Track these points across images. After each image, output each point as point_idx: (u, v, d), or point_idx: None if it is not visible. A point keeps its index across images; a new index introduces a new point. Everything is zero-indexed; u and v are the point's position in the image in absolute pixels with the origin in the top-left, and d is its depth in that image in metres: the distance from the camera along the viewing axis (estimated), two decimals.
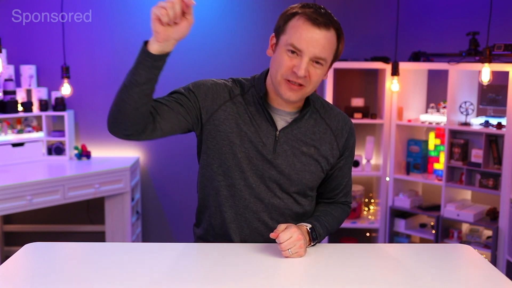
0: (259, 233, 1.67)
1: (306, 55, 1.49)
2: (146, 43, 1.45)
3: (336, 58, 1.58)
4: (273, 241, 1.69)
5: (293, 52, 1.50)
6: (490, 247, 3.46)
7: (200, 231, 1.77)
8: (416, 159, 3.90)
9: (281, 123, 1.64)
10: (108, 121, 1.55)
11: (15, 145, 3.77)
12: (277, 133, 1.63)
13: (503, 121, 3.41)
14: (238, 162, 1.62)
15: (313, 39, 1.48)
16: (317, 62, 1.51)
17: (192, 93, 1.63)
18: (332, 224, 1.72)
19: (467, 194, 3.83)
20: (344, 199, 1.80)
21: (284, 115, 1.65)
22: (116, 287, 1.34)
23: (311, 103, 1.65)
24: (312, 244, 1.62)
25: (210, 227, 1.72)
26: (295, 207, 1.68)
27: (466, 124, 3.60)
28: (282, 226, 1.55)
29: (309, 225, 1.62)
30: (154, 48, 1.43)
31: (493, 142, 3.50)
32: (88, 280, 1.38)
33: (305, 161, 1.64)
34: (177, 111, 1.59)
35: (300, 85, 1.53)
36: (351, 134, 1.72)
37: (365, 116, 3.99)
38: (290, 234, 1.52)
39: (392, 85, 3.80)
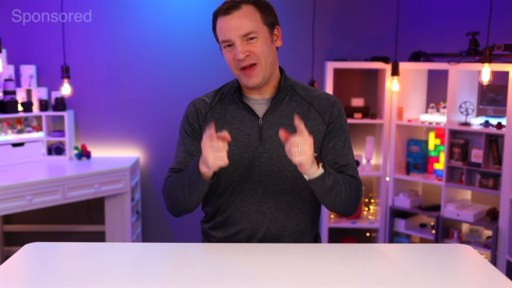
0: (258, 224, 1.69)
1: (235, 40, 1.59)
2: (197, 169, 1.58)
3: (271, 23, 1.65)
4: (271, 240, 1.70)
5: (228, 45, 1.62)
6: (490, 247, 3.46)
7: (209, 224, 1.79)
8: (416, 159, 3.90)
9: (261, 111, 1.70)
10: (171, 213, 1.77)
11: (15, 145, 3.77)
12: (260, 121, 1.68)
13: (503, 121, 3.41)
14: (229, 163, 1.62)
15: (230, 25, 1.59)
16: (250, 38, 1.60)
17: (192, 132, 1.74)
18: (340, 178, 1.61)
19: (467, 194, 3.83)
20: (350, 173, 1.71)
21: (263, 103, 1.70)
22: (116, 287, 1.34)
23: (282, 83, 1.70)
24: (321, 164, 1.53)
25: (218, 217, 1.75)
26: (296, 191, 1.69)
27: (466, 124, 3.60)
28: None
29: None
30: (206, 174, 1.58)
31: (493, 142, 3.50)
32: (88, 280, 1.38)
33: None
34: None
35: (252, 64, 1.61)
36: (335, 108, 1.71)
37: (365, 116, 3.99)
38: (301, 135, 1.46)
39: (392, 85, 3.80)
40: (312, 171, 1.51)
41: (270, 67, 1.64)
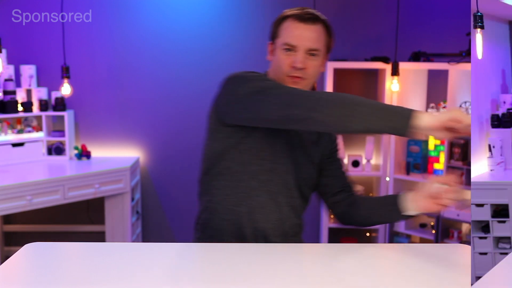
0: (283, 219, 1.70)
1: (300, 49, 1.61)
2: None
3: (328, 51, 1.69)
4: (273, 240, 1.70)
5: (289, 50, 1.62)
6: None
7: (210, 230, 1.74)
8: (416, 159, 3.89)
9: None
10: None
11: (15, 145, 3.77)
12: None
13: None
14: (277, 148, 1.69)
15: (303, 34, 1.61)
16: (312, 54, 1.62)
17: None
18: None
19: (467, 194, 3.82)
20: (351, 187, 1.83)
21: None
22: (116, 287, 1.34)
23: None
24: None
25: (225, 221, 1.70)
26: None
27: None
28: None
29: None
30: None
31: None
32: (88, 280, 1.38)
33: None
34: None
35: (300, 77, 1.63)
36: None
37: None
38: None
39: (392, 85, 3.80)
40: None
41: (310, 85, 1.68)
